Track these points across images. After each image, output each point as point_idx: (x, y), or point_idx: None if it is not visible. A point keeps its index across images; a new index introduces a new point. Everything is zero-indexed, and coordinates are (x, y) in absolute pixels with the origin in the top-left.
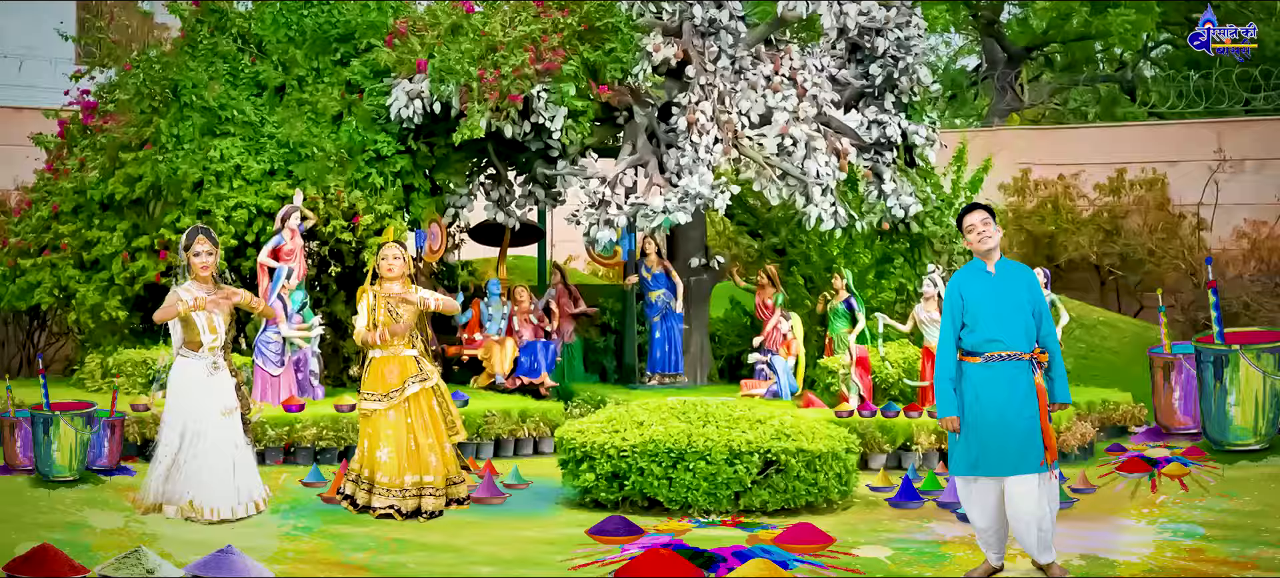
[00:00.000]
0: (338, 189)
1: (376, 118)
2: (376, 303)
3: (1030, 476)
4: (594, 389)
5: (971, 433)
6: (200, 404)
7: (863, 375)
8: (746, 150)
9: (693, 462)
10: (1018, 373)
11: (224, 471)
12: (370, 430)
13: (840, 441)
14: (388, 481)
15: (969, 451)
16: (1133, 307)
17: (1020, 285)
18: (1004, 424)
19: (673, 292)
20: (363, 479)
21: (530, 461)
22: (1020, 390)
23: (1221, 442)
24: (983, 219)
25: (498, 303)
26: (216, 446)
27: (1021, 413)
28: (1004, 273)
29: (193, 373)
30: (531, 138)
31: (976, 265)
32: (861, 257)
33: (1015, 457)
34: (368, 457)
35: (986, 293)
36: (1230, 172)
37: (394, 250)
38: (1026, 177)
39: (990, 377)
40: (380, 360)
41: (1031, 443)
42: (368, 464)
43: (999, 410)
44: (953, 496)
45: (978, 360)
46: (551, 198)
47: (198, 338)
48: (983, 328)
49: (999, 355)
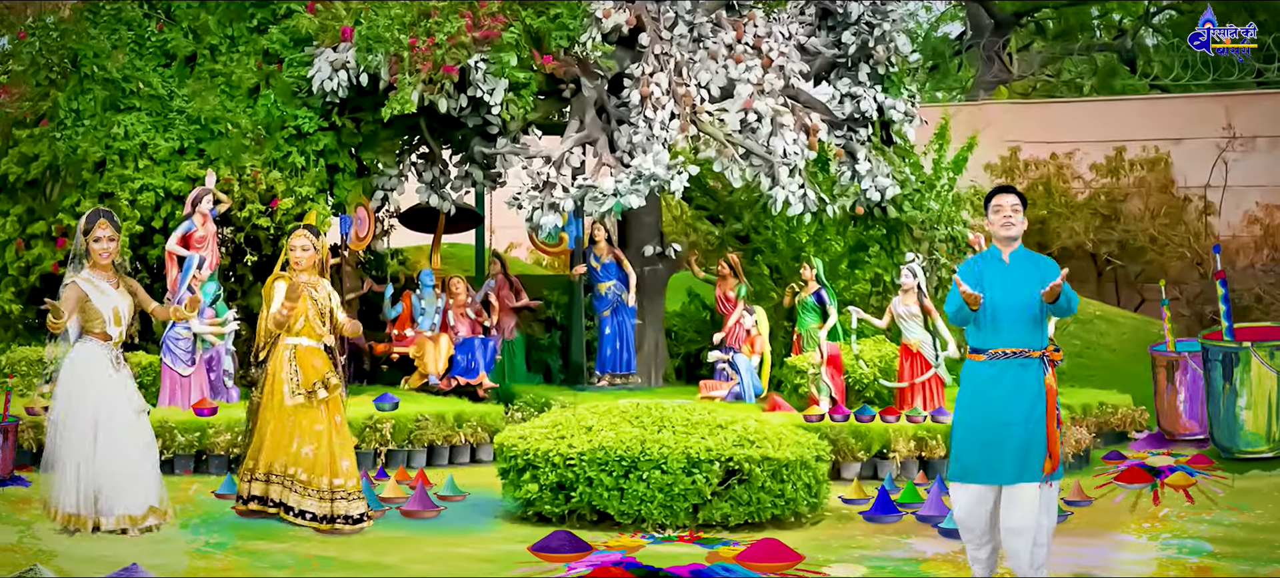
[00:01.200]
0: (254, 169)
1: (297, 91)
2: (300, 289)
3: (1029, 485)
4: (537, 391)
5: (971, 436)
6: (111, 397)
7: (834, 376)
8: (706, 127)
9: (647, 471)
10: (1025, 374)
11: (139, 472)
12: (294, 424)
13: (809, 448)
14: (308, 478)
15: (966, 454)
16: (1133, 300)
17: (1034, 278)
18: (1006, 429)
19: (624, 283)
20: (277, 476)
21: (467, 470)
22: (1027, 393)
23: (1231, 449)
24: (1013, 204)
25: (431, 295)
26: (130, 444)
27: (1027, 417)
28: (1019, 264)
29: (100, 361)
30: (468, 113)
31: (992, 253)
32: (833, 244)
33: (1016, 464)
34: (290, 452)
35: (998, 284)
36: (1240, 150)
37: (304, 239)
38: (1015, 156)
39: (995, 376)
40: (306, 351)
41: (1034, 450)
42: (290, 460)
43: (1002, 413)
44: (934, 509)
45: (982, 358)
46: (490, 179)
47: (102, 328)
48: (990, 322)
49: (1005, 354)
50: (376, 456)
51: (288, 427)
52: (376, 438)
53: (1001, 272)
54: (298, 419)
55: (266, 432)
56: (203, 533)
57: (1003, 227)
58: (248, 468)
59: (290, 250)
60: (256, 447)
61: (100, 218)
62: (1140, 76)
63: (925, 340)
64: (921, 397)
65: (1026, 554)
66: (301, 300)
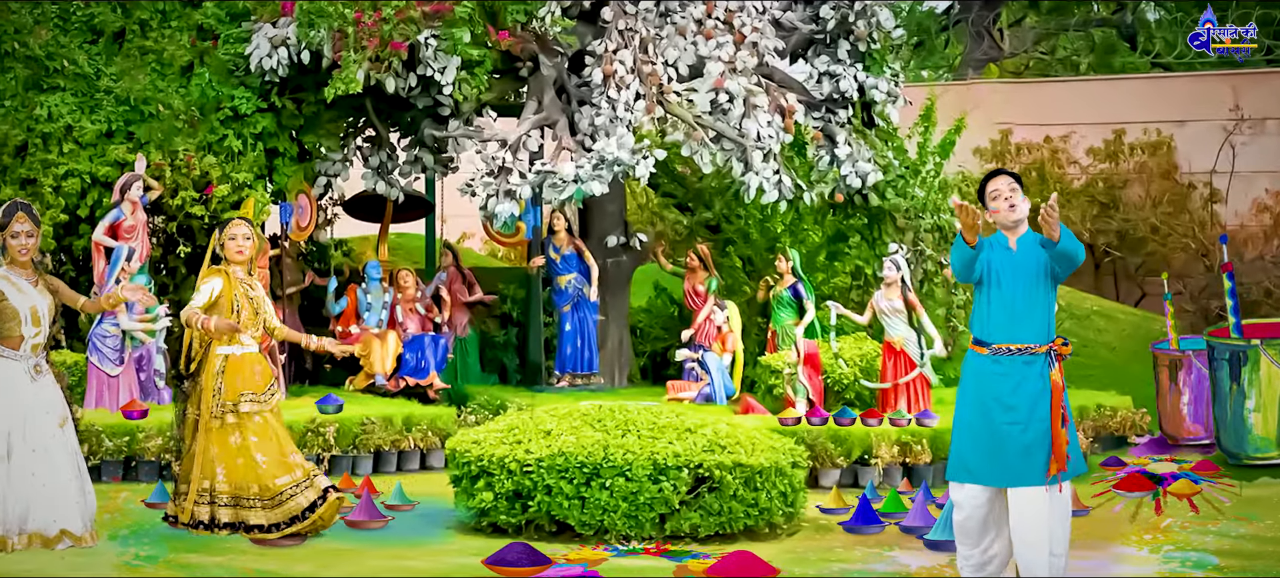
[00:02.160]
0: (187, 154)
1: (234, 69)
2: (235, 288)
3: (1036, 489)
4: (492, 392)
5: (972, 434)
6: (27, 414)
7: (812, 376)
8: (673, 108)
9: (610, 479)
10: (1029, 370)
11: (69, 484)
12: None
13: (785, 453)
14: (272, 488)
15: (967, 453)
16: (1133, 294)
17: (1042, 267)
18: (1009, 428)
19: (586, 276)
20: (246, 500)
21: (416, 477)
22: (1032, 390)
23: (1238, 454)
24: (1010, 185)
25: (378, 290)
26: (57, 459)
27: (1031, 416)
28: (1026, 253)
29: (11, 377)
30: (418, 93)
31: (998, 239)
32: (810, 234)
33: (1018, 466)
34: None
35: (1005, 273)
36: (1248, 133)
37: (245, 229)
38: (1006, 139)
39: (998, 373)
40: (249, 358)
41: (1038, 451)
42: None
43: (1005, 412)
44: (918, 519)
45: (985, 352)
46: (442, 164)
47: (17, 332)
48: (995, 314)
49: (1008, 349)
50: (319, 462)
51: (241, 442)
52: (319, 443)
53: (1009, 260)
54: (244, 431)
55: (221, 454)
56: (133, 545)
57: (1007, 212)
58: (202, 491)
59: (228, 241)
60: (207, 468)
61: (18, 211)
62: (1141, 54)
63: (909, 338)
64: (905, 398)
65: (1044, 565)
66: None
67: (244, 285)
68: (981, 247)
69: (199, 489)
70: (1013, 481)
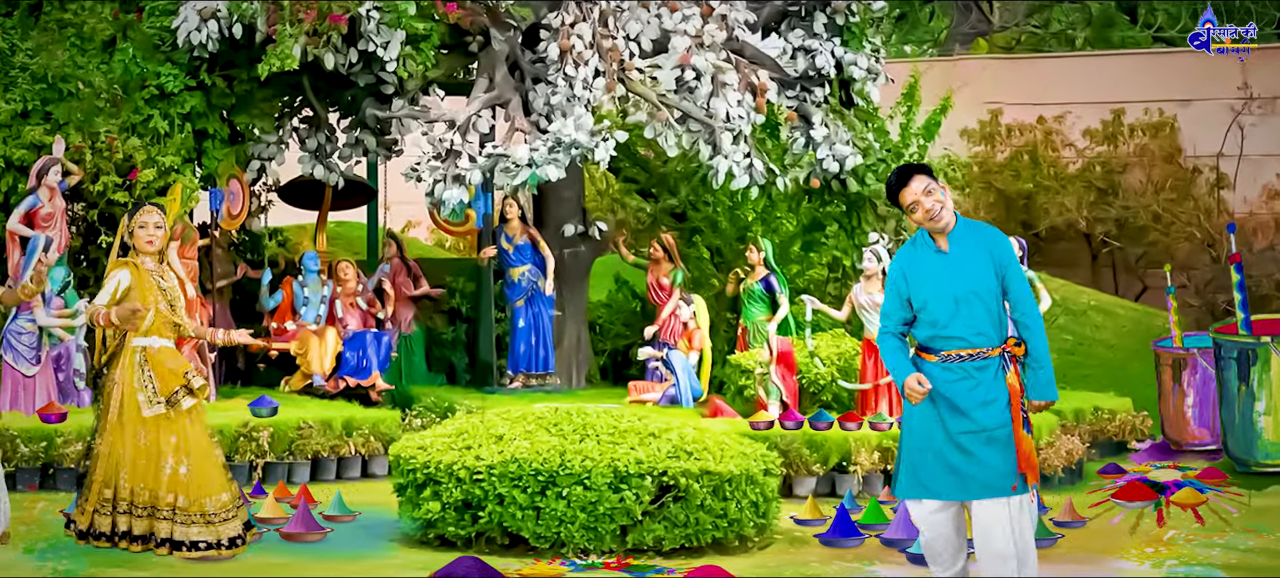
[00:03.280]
0: (110, 136)
1: (159, 44)
2: (148, 279)
3: (999, 500)
4: (440, 394)
5: (925, 447)
6: None
7: (785, 376)
8: (636, 86)
9: (567, 487)
10: (983, 375)
11: None
12: (158, 442)
13: (757, 460)
14: (190, 503)
15: (918, 467)
16: (1133, 287)
17: (981, 259)
18: (966, 439)
19: (541, 268)
20: (131, 506)
21: (358, 485)
22: (986, 396)
23: (1247, 461)
24: (925, 188)
25: (316, 282)
26: None
27: (988, 424)
28: (960, 248)
29: None
30: (359, 70)
31: (922, 240)
32: (784, 223)
33: (980, 478)
34: (163, 478)
35: (937, 276)
36: (1258, 113)
37: (157, 216)
38: (996, 120)
39: (948, 379)
40: (159, 353)
41: (1001, 461)
42: (166, 486)
43: (960, 422)
44: (901, 531)
45: (933, 359)
46: (385, 147)
47: None
48: (936, 321)
49: (958, 355)
50: (252, 469)
51: (151, 446)
52: (252, 449)
53: (939, 263)
54: (161, 435)
55: (123, 455)
56: (50, 559)
57: (930, 219)
58: (104, 499)
59: (138, 229)
60: (110, 472)
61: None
62: (1142, 27)
63: None
64: (887, 401)
65: None
66: (150, 295)
67: (155, 277)
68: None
69: (101, 497)
70: (975, 493)
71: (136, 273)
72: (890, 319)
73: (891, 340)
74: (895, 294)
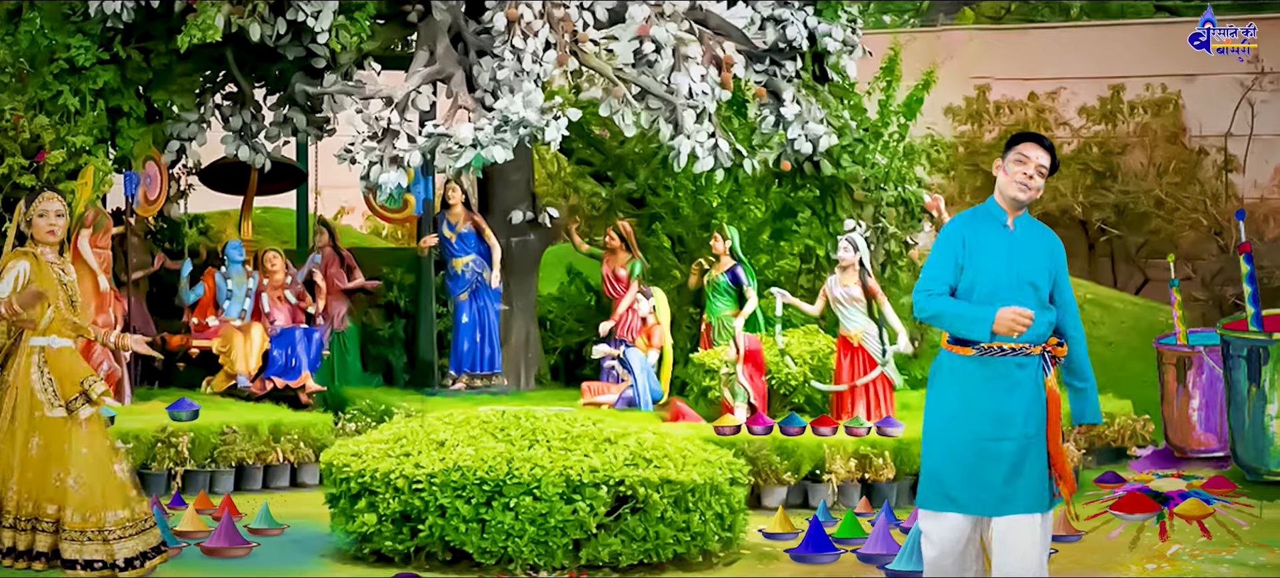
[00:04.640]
0: (15, 114)
1: (70, 14)
2: (49, 272)
3: (1028, 516)
4: (376, 395)
5: (954, 453)
6: None
7: (753, 376)
8: (590, 60)
9: (515, 498)
10: (1023, 374)
11: None
12: (51, 450)
13: (722, 468)
14: (83, 519)
15: (947, 477)
16: (1134, 279)
17: (1041, 253)
18: (999, 445)
19: (487, 258)
20: (27, 520)
21: (286, 495)
22: (1025, 397)
23: (1257, 469)
24: (1040, 163)
25: (240, 274)
26: None
27: (1023, 429)
28: (1025, 234)
29: None
30: (288, 42)
31: (991, 211)
32: (752, 209)
33: (1007, 490)
34: (52, 487)
35: (999, 251)
36: (1270, 89)
37: (58, 204)
38: (983, 96)
39: (986, 377)
40: (58, 354)
41: (1033, 471)
42: (54, 497)
43: (995, 426)
44: (879, 545)
45: (970, 352)
46: (316, 126)
47: None
48: (986, 301)
49: (1000, 349)
50: (170, 478)
51: (44, 454)
52: (171, 456)
53: (1004, 240)
54: (55, 443)
55: (12, 463)
56: None
57: (1021, 187)
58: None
59: (37, 218)
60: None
61: None
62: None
63: (869, 332)
64: (864, 403)
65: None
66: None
67: (56, 271)
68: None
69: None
70: (1004, 509)
71: (36, 265)
72: (936, 282)
73: (938, 301)
74: (950, 258)
